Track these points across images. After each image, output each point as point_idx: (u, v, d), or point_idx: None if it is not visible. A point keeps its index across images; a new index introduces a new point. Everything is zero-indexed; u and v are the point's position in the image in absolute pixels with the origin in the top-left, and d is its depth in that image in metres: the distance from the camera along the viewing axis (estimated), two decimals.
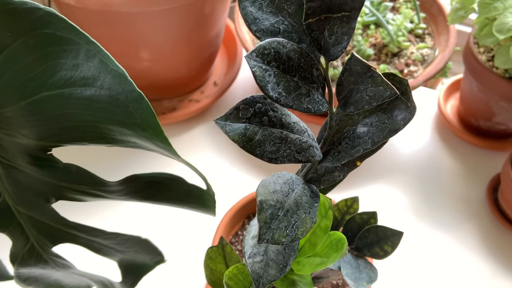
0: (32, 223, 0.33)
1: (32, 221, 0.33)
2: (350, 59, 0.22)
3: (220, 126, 0.21)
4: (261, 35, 0.21)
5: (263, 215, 0.22)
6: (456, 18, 0.57)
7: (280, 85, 0.21)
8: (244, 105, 0.22)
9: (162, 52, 0.61)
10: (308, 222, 0.24)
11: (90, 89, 0.26)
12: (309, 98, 0.22)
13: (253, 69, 0.20)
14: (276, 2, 0.22)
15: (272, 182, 0.25)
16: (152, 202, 0.33)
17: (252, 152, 0.21)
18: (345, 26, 0.22)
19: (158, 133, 0.26)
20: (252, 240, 0.26)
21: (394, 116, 0.24)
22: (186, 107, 0.69)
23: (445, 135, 0.69)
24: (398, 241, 0.32)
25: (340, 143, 0.26)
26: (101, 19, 0.53)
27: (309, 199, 0.25)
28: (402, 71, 0.64)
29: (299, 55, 0.21)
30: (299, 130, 0.24)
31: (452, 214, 0.61)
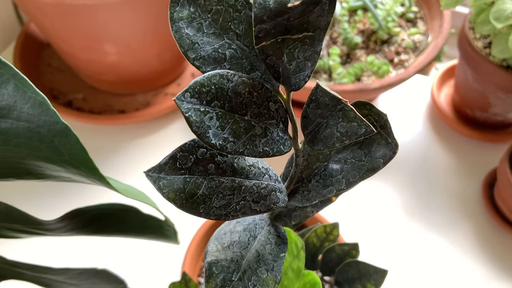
0: None
1: None
2: (316, 89, 0.18)
3: (151, 180, 0.17)
4: (201, 64, 0.17)
5: (213, 283, 0.18)
6: (450, 2, 0.52)
7: (226, 129, 0.16)
8: (182, 152, 0.17)
9: (130, 45, 0.56)
10: (270, 284, 0.20)
11: (5, 122, 0.21)
12: (266, 139, 0.18)
13: (186, 114, 0.15)
14: (221, 21, 0.17)
15: (229, 231, 0.21)
16: (103, 235, 0.29)
17: (194, 212, 0.17)
18: (308, 49, 0.17)
19: (92, 171, 0.22)
20: None
21: (372, 152, 0.20)
22: (162, 101, 0.64)
23: (438, 127, 0.65)
24: (382, 280, 0.28)
25: (310, 181, 0.21)
26: (57, 12, 0.48)
27: (274, 248, 0.21)
28: (392, 60, 0.59)
29: (250, 88, 0.17)
30: (257, 173, 0.19)
31: (445, 211, 0.57)
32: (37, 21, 0.52)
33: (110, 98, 0.64)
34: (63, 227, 0.27)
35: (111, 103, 0.64)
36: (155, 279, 0.48)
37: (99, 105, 0.63)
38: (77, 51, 0.56)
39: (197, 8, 0.17)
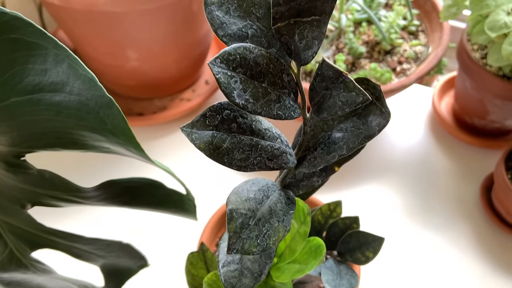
0: (9, 229, 0.33)
1: (9, 227, 0.33)
2: (322, 64, 0.22)
3: (186, 134, 0.20)
4: (228, 40, 0.21)
5: (233, 225, 0.22)
6: (448, 15, 0.56)
7: (247, 92, 0.20)
8: (211, 112, 0.21)
9: (151, 51, 0.61)
10: (281, 230, 0.23)
11: (59, 95, 0.25)
12: (279, 104, 0.21)
13: (217, 75, 0.19)
14: (244, 6, 0.21)
15: (246, 189, 0.24)
16: (131, 207, 0.33)
17: (219, 161, 0.21)
18: (315, 30, 0.21)
19: (130, 139, 0.26)
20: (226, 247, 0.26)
21: (369, 121, 0.23)
22: (177, 106, 0.69)
23: (439, 133, 0.68)
24: (380, 247, 0.32)
25: (315, 149, 0.25)
26: (87, 18, 0.52)
27: (284, 206, 0.25)
28: (395, 69, 0.63)
29: (267, 60, 0.21)
30: (271, 136, 0.23)
31: (445, 213, 0.60)
32: (67, 27, 0.57)
33: (130, 102, 0.69)
34: (98, 196, 0.31)
35: (131, 106, 0.68)
36: (175, 253, 0.52)
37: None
38: (101, 57, 0.61)
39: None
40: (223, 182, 0.61)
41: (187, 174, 0.60)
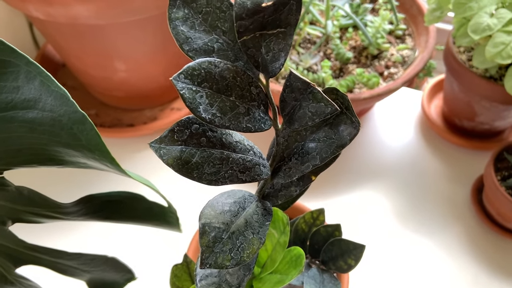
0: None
1: None
2: (290, 76, 0.22)
3: (154, 149, 0.20)
4: (194, 54, 0.21)
5: (205, 239, 0.22)
6: (432, 18, 0.57)
7: (214, 106, 0.20)
8: (179, 127, 0.21)
9: (138, 62, 0.61)
10: (255, 243, 0.23)
11: (32, 112, 0.25)
12: (248, 117, 0.21)
13: (181, 91, 0.19)
14: (209, 20, 0.21)
15: (221, 202, 0.24)
16: (113, 221, 0.33)
17: (188, 176, 0.21)
18: (281, 42, 0.21)
19: (105, 154, 0.26)
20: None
21: (340, 131, 0.23)
22: (168, 116, 0.69)
23: (429, 136, 0.68)
24: (361, 254, 0.31)
25: (290, 159, 0.25)
26: (72, 32, 0.53)
27: (260, 217, 0.25)
28: (382, 73, 0.63)
29: (234, 73, 0.21)
30: (243, 149, 0.23)
31: (437, 216, 0.60)
32: (54, 41, 0.57)
33: (120, 113, 0.69)
34: (77, 211, 0.31)
35: (121, 117, 0.68)
36: (161, 265, 0.52)
37: (109, 119, 0.68)
38: (90, 69, 0.61)
39: (190, 10, 0.21)
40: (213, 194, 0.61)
41: (179, 185, 0.60)
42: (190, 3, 0.21)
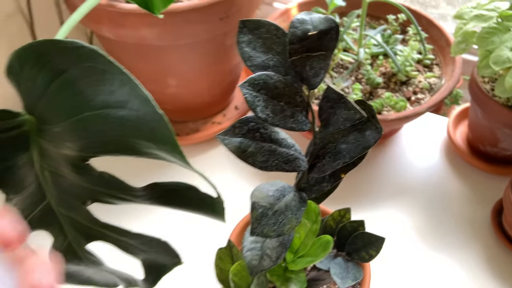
0: (70, 223, 0.39)
1: (70, 221, 0.39)
2: (327, 89, 0.28)
3: (220, 139, 0.27)
4: (254, 69, 0.27)
5: (255, 213, 0.28)
6: (458, 50, 0.62)
7: (268, 108, 0.26)
8: (239, 123, 0.27)
9: (188, 80, 0.68)
10: (293, 221, 0.29)
11: (122, 110, 0.32)
12: (293, 119, 0.28)
13: (245, 95, 0.25)
14: (267, 43, 0.27)
15: (266, 188, 0.30)
16: (170, 207, 0.39)
17: (245, 161, 0.27)
18: (322, 62, 0.27)
19: (174, 147, 0.32)
20: (250, 237, 0.32)
21: (366, 135, 0.29)
22: (209, 128, 0.76)
23: (453, 160, 0.72)
24: (381, 246, 0.36)
25: (324, 157, 0.31)
26: (136, 50, 0.61)
27: (297, 203, 0.30)
28: (409, 98, 0.68)
29: (284, 85, 0.27)
30: (287, 145, 0.29)
31: (457, 235, 0.63)
32: (118, 58, 0.66)
33: None
34: (144, 196, 0.37)
35: None
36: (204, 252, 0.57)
37: None
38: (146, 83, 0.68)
39: (253, 36, 0.27)
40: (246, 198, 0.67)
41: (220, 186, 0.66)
42: (254, 31, 0.27)
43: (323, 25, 0.26)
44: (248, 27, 0.27)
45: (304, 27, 0.26)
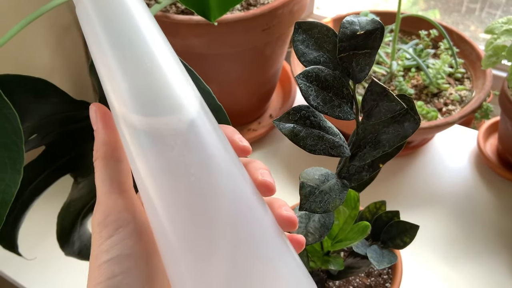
0: None
1: None
2: (371, 83, 0.31)
3: (276, 124, 0.30)
4: (307, 64, 0.31)
5: (304, 191, 0.31)
6: (489, 63, 0.64)
7: (319, 98, 0.30)
8: (293, 111, 0.31)
9: (228, 87, 0.73)
10: (337, 201, 0.32)
11: None
12: (340, 109, 0.31)
13: (300, 85, 0.29)
14: (318, 42, 0.31)
15: (312, 172, 0.34)
16: None
17: (297, 144, 0.31)
18: (367, 59, 0.31)
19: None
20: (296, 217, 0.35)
21: (405, 126, 0.32)
22: (245, 134, 0.80)
23: (483, 170, 0.74)
24: (415, 234, 0.39)
25: (365, 147, 0.34)
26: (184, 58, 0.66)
27: (339, 187, 0.34)
28: (440, 109, 0.71)
29: (333, 78, 0.31)
30: (333, 133, 0.33)
31: (486, 243, 0.65)
32: None
33: None
34: None
35: None
36: None
37: None
38: None
39: (307, 36, 0.31)
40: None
41: None
42: (307, 31, 0.31)
43: (370, 26, 0.30)
44: (302, 28, 0.31)
45: (353, 28, 0.29)
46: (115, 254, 0.22)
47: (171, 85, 0.23)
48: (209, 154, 0.23)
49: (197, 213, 0.22)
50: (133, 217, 0.23)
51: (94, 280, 0.22)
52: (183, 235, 0.22)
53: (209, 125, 0.24)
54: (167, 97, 0.23)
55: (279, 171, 0.75)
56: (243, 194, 0.23)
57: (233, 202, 0.22)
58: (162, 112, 0.22)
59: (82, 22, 0.24)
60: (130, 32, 0.23)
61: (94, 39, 0.24)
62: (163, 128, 0.22)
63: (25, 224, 0.46)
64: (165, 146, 0.22)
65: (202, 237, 0.22)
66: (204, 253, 0.21)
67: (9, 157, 0.30)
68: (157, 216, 0.22)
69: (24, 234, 0.48)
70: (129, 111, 0.23)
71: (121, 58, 0.23)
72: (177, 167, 0.22)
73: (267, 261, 0.22)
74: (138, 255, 0.23)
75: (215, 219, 0.22)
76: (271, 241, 0.23)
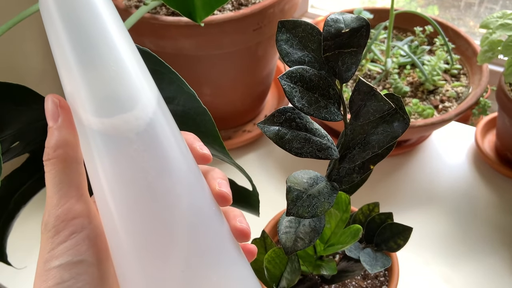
0: None
1: None
2: (359, 82, 0.30)
3: (260, 127, 0.30)
4: (291, 64, 0.30)
5: (291, 195, 0.30)
6: (484, 58, 0.63)
7: (304, 99, 0.29)
8: (277, 113, 0.30)
9: (221, 89, 0.72)
10: (326, 205, 0.31)
11: (170, 105, 0.35)
12: (326, 110, 0.30)
13: (283, 86, 0.28)
14: (303, 41, 0.30)
15: (301, 175, 0.33)
16: None
17: (283, 147, 0.30)
18: (353, 58, 0.30)
19: (216, 139, 0.35)
20: (286, 221, 0.34)
21: (394, 126, 0.31)
22: (240, 136, 0.79)
23: (481, 167, 0.72)
24: (409, 236, 0.38)
25: (354, 148, 0.33)
26: (174, 60, 0.65)
27: (329, 191, 0.33)
28: (437, 106, 0.70)
29: (318, 78, 0.30)
30: (320, 134, 0.32)
31: (485, 241, 0.64)
32: None
33: None
34: None
35: None
36: None
37: None
38: None
39: (291, 35, 0.30)
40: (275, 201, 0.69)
41: None
42: (291, 30, 0.30)
43: (355, 23, 0.29)
44: (286, 27, 0.30)
45: (337, 25, 0.28)
46: (66, 260, 0.22)
47: (127, 84, 0.23)
48: (166, 157, 0.22)
49: (151, 217, 0.22)
50: (88, 222, 0.23)
51: (42, 284, 0.22)
52: (136, 239, 0.22)
53: (167, 127, 0.24)
54: (123, 96, 0.22)
55: (273, 173, 0.74)
56: (199, 201, 0.23)
57: (189, 209, 0.22)
58: (117, 111, 0.22)
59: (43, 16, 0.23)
60: (89, 28, 0.22)
61: (54, 34, 0.23)
62: (120, 128, 0.22)
63: (14, 233, 0.45)
64: (121, 146, 0.22)
65: (155, 242, 0.22)
66: (157, 258, 0.21)
67: None
68: (111, 218, 0.22)
69: (14, 243, 0.47)
70: (85, 111, 0.22)
71: (79, 54, 0.22)
72: (133, 168, 0.22)
73: (218, 270, 0.22)
74: (90, 261, 0.22)
75: (170, 225, 0.22)
76: (224, 251, 0.23)
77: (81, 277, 0.22)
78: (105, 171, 0.22)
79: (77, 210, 0.22)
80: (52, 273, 0.22)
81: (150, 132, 0.22)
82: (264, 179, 0.73)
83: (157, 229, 0.21)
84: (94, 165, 0.22)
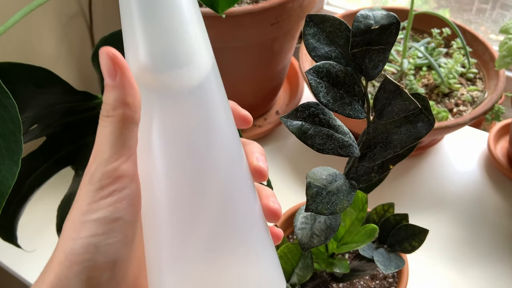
0: None
1: None
2: (384, 80, 0.30)
3: (283, 121, 0.29)
4: (318, 59, 0.30)
5: (310, 191, 0.30)
6: (502, 64, 0.63)
7: (329, 94, 0.29)
8: (301, 108, 0.30)
9: (234, 82, 0.72)
10: (345, 202, 0.31)
11: None
12: (350, 107, 0.30)
13: (310, 81, 0.28)
14: (330, 36, 0.30)
15: (320, 172, 0.32)
16: None
17: (305, 142, 0.29)
18: (381, 55, 0.29)
19: None
20: (301, 217, 0.34)
21: (418, 126, 0.31)
22: (251, 131, 0.78)
23: (493, 174, 0.72)
24: (424, 238, 0.38)
25: (375, 147, 0.33)
26: None
27: (347, 188, 0.32)
28: (451, 109, 0.69)
29: (344, 74, 0.29)
30: (342, 132, 0.31)
31: (494, 248, 0.63)
32: None
33: None
34: None
35: None
36: None
37: None
38: None
39: (318, 29, 0.30)
40: (286, 196, 0.69)
41: None
42: (319, 24, 0.30)
43: (385, 20, 0.28)
44: (314, 21, 0.30)
45: (367, 22, 0.28)
46: (104, 215, 0.22)
47: (186, 43, 0.22)
48: (213, 121, 0.23)
49: (189, 177, 0.22)
50: (131, 182, 0.23)
51: (74, 234, 0.22)
52: (171, 196, 0.22)
53: (218, 94, 0.24)
54: (180, 53, 0.22)
55: (284, 168, 0.74)
56: (237, 173, 0.23)
57: (227, 177, 0.23)
58: (172, 67, 0.22)
59: None
60: None
61: None
62: (173, 84, 0.22)
63: (25, 216, 0.45)
64: (172, 102, 0.22)
65: (188, 203, 0.22)
66: (186, 220, 0.22)
67: (7, 147, 0.29)
68: (149, 172, 0.22)
69: (24, 226, 0.47)
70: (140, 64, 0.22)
71: (143, 12, 0.22)
72: (179, 126, 0.22)
73: (246, 244, 0.22)
74: (126, 219, 0.23)
75: (205, 189, 0.22)
76: (255, 227, 0.23)
77: (113, 234, 0.22)
78: (152, 124, 0.22)
79: (124, 169, 0.22)
80: (88, 225, 0.22)
81: (202, 93, 0.22)
82: (274, 174, 0.73)
83: (192, 191, 0.22)
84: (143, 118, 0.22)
